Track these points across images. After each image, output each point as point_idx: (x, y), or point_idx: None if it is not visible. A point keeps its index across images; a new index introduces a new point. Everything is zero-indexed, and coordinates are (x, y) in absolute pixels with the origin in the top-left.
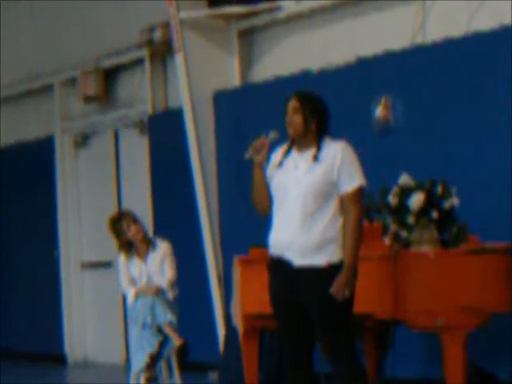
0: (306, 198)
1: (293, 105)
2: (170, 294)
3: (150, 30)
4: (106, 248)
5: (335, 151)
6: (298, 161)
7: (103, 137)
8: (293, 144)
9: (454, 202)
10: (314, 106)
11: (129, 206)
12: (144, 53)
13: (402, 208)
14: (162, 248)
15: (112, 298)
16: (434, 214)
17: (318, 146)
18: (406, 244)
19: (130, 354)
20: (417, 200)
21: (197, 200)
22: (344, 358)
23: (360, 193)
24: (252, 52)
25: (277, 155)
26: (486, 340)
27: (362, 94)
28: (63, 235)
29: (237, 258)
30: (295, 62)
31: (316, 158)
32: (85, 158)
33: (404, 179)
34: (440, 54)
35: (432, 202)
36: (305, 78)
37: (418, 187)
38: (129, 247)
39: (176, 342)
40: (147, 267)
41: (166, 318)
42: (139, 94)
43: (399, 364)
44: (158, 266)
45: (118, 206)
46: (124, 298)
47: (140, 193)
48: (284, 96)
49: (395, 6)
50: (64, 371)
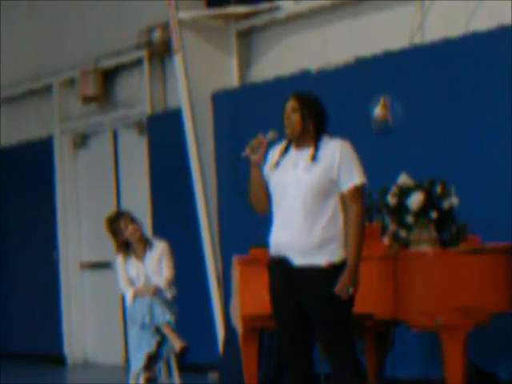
0: (306, 197)
1: (291, 105)
2: (168, 294)
3: (149, 30)
4: (106, 248)
5: (334, 149)
6: (297, 159)
7: (102, 137)
8: (290, 143)
9: (453, 201)
10: (312, 105)
11: (128, 206)
12: (143, 53)
13: (401, 208)
14: (159, 247)
15: (111, 298)
16: (433, 214)
17: (317, 145)
18: (405, 244)
19: (129, 355)
20: (416, 200)
21: (196, 200)
22: (344, 357)
23: (361, 191)
24: (251, 52)
25: (274, 154)
26: (486, 340)
27: (360, 93)
28: (62, 236)
29: (236, 258)
30: (294, 63)
31: (314, 158)
32: (84, 158)
33: (403, 179)
34: (438, 53)
35: (431, 201)
36: (304, 78)
37: (417, 187)
38: (126, 247)
39: (177, 345)
40: (145, 267)
41: (165, 318)
42: (138, 94)
43: (399, 364)
44: (155, 265)
45: (117, 207)
46: (123, 299)
47: (139, 193)
48: (283, 96)
49: (394, 6)
50: (63, 372)
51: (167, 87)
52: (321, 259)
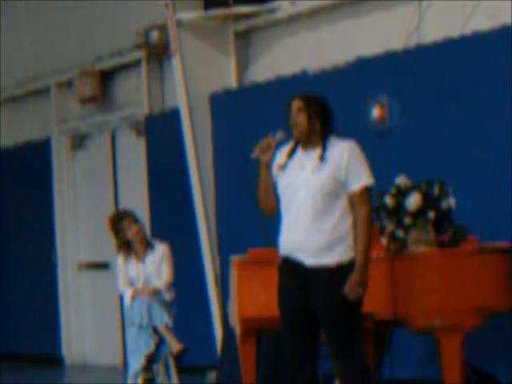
0: (315, 198)
1: (297, 105)
2: (167, 296)
3: (147, 31)
4: (103, 249)
5: (342, 150)
6: (305, 160)
7: (100, 138)
8: (297, 145)
9: (450, 202)
10: (318, 105)
11: (126, 207)
12: (141, 54)
13: (398, 208)
14: (160, 250)
15: (109, 299)
16: (431, 215)
17: (324, 145)
18: (403, 244)
19: (127, 356)
20: (414, 200)
21: (194, 201)
22: (350, 357)
23: (368, 192)
24: (249, 53)
25: (281, 156)
26: (485, 340)
27: (358, 94)
28: (60, 236)
29: (234, 259)
30: (292, 63)
31: (322, 158)
32: (82, 159)
33: (401, 180)
34: (436, 54)
35: (429, 202)
36: (301, 79)
37: (415, 188)
38: (127, 247)
39: (175, 347)
40: (144, 268)
41: (163, 319)
42: (136, 95)
43: (398, 364)
44: (155, 267)
45: (115, 208)
46: (121, 299)
47: (137, 194)
48: (281, 97)
49: (391, 6)
50: (61, 373)
51: (165, 88)
52: (330, 259)
